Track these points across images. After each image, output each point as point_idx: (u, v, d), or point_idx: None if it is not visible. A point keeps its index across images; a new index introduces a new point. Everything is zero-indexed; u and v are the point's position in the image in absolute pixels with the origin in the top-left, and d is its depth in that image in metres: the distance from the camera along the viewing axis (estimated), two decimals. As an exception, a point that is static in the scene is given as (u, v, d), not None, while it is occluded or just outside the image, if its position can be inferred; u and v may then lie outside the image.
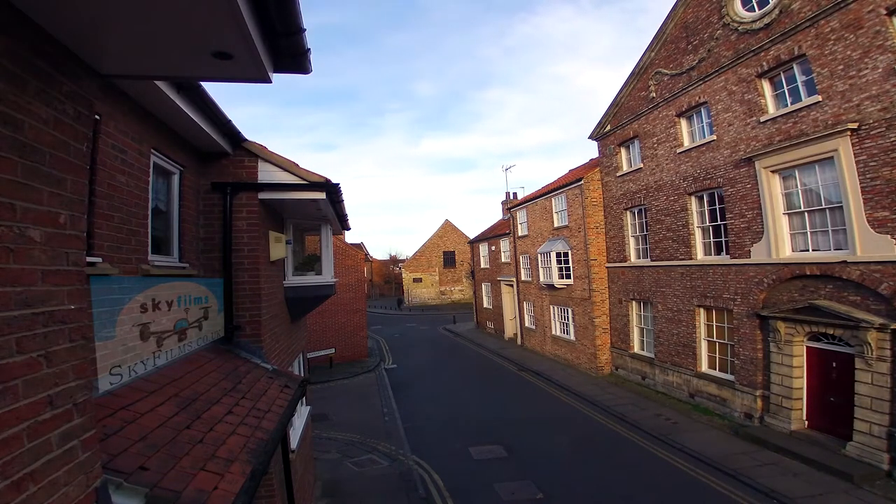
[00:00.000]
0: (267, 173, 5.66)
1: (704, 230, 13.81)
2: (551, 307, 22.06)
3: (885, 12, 8.71)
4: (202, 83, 4.12)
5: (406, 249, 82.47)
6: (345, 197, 7.06)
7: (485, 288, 32.73)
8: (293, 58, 2.14)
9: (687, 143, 14.18)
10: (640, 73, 15.98)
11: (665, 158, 14.98)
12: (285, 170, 5.73)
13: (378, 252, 76.98)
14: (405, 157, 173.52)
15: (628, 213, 17.20)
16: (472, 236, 39.99)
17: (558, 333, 21.67)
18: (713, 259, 13.40)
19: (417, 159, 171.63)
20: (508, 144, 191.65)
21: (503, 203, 33.67)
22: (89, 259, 2.98)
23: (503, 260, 28.90)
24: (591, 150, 39.11)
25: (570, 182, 20.04)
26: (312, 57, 2.17)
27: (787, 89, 11.00)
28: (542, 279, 22.10)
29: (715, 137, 12.89)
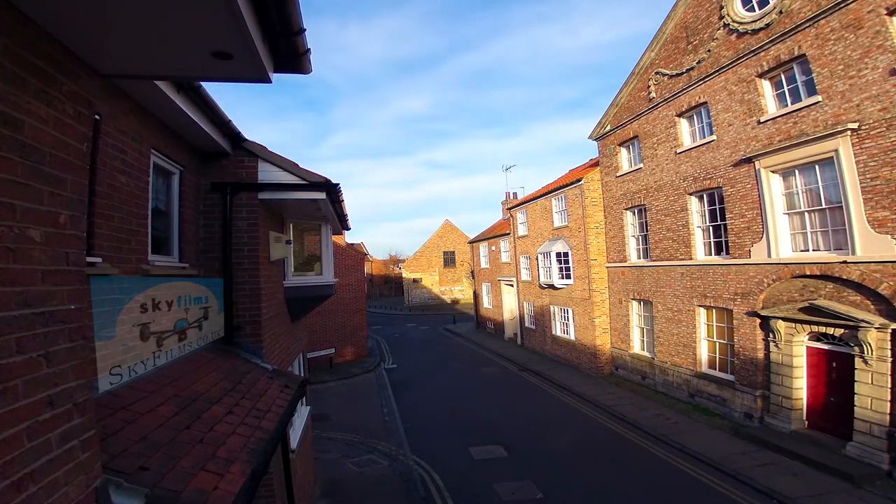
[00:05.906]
0: (267, 173, 5.66)
1: (704, 230, 13.80)
2: (551, 307, 22.05)
3: (885, 12, 8.71)
4: (202, 83, 4.13)
5: (406, 250, 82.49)
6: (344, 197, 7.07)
7: (485, 288, 32.72)
8: (293, 58, 2.14)
9: (687, 143, 14.17)
10: (640, 73, 15.97)
11: (665, 158, 14.98)
12: (285, 170, 5.74)
13: (378, 252, 77.01)
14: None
15: (628, 212, 17.20)
16: (472, 236, 39.99)
17: (558, 333, 21.66)
18: (713, 259, 13.39)
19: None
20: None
21: (503, 203, 33.66)
22: (89, 259, 2.98)
23: (503, 260, 28.89)
24: (592, 150, 39.08)
25: (570, 182, 20.03)
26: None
27: (787, 89, 10.99)
28: (542, 279, 22.10)
29: (715, 137, 12.89)
